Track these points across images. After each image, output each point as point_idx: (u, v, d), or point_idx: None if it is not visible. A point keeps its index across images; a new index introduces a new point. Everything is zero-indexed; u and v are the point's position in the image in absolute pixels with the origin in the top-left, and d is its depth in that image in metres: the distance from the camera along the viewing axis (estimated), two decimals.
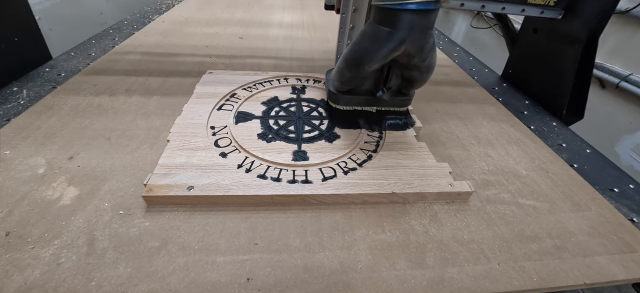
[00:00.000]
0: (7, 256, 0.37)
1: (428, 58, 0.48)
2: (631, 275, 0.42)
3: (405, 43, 0.45)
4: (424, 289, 0.38)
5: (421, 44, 0.46)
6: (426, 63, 0.49)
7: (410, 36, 0.44)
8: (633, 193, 0.57)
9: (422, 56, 0.47)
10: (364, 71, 0.49)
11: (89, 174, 0.48)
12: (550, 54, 0.82)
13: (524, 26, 0.91)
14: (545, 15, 0.75)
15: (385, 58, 0.47)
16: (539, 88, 0.87)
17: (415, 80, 0.53)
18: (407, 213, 0.47)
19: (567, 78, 0.77)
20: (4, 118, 0.59)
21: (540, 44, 0.85)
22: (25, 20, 0.77)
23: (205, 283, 0.36)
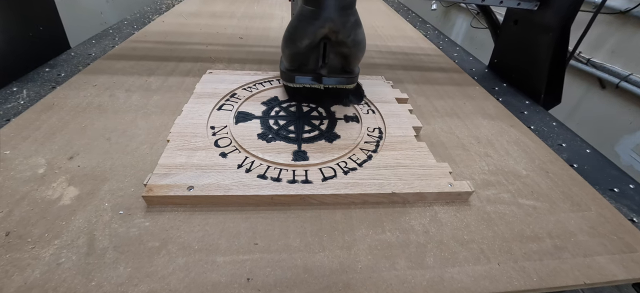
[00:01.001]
0: (7, 256, 0.37)
1: (352, 34, 0.54)
2: (631, 275, 0.42)
3: (328, 20, 0.51)
4: (424, 289, 0.38)
5: (343, 21, 0.52)
6: (351, 39, 0.54)
7: (332, 14, 0.51)
8: (633, 193, 0.57)
9: (346, 32, 0.53)
10: (297, 47, 0.55)
11: (89, 174, 0.48)
12: (529, 43, 0.89)
13: (506, 18, 0.99)
14: (522, 6, 0.83)
15: (314, 34, 0.53)
16: (520, 75, 0.94)
17: (347, 55, 0.58)
18: (407, 213, 0.47)
19: (543, 64, 0.84)
20: (4, 118, 0.59)
21: (520, 34, 0.93)
22: (49, 11, 0.84)
23: (205, 283, 0.36)
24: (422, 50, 1.13)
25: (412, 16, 1.59)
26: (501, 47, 1.03)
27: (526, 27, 0.90)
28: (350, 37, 0.54)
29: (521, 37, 0.92)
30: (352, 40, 0.55)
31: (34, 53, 0.78)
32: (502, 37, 1.02)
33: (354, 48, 0.56)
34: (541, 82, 0.85)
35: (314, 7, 0.51)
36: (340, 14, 0.51)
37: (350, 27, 0.53)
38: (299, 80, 0.61)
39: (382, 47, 1.13)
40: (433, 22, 1.57)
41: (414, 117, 0.64)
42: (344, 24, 0.52)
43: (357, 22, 0.55)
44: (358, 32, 0.55)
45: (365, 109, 0.66)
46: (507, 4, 0.82)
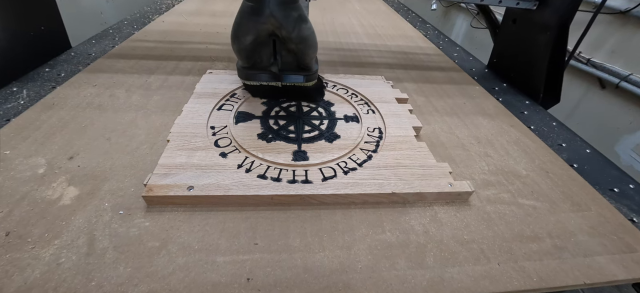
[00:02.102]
0: (7, 256, 0.37)
1: (296, 30, 0.53)
2: (631, 275, 0.42)
3: (268, 16, 0.50)
4: (424, 289, 0.38)
5: (284, 17, 0.51)
6: (295, 35, 0.53)
7: (272, 10, 0.50)
8: (633, 193, 0.57)
9: (289, 28, 0.52)
10: (242, 44, 0.54)
11: (89, 174, 0.48)
12: (528, 42, 0.89)
13: (505, 17, 0.98)
14: (521, 6, 0.83)
15: (256, 31, 0.52)
16: (519, 75, 0.93)
17: (296, 52, 0.57)
18: (407, 213, 0.47)
19: (541, 63, 0.84)
20: (4, 118, 0.59)
21: (519, 33, 0.93)
22: (51, 10, 0.83)
23: (205, 283, 0.36)
24: (422, 50, 1.13)
25: (412, 16, 1.59)
26: (500, 47, 1.03)
27: (525, 26, 0.90)
28: (294, 33, 0.53)
29: (520, 37, 0.92)
30: (297, 37, 0.54)
31: (34, 52, 0.78)
32: (501, 36, 1.02)
33: (301, 45, 0.55)
34: (540, 81, 0.85)
35: (253, 2, 0.50)
36: (280, 9, 0.50)
37: (292, 23, 0.52)
38: (254, 77, 0.60)
39: (381, 47, 1.13)
40: (433, 22, 1.57)
41: (414, 117, 0.64)
42: (286, 20, 0.52)
43: (302, 17, 0.53)
44: (303, 28, 0.54)
45: (365, 109, 0.66)
46: (506, 4, 0.82)
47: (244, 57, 0.57)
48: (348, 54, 1.03)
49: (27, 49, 0.75)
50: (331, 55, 1.01)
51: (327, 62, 0.96)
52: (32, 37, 0.76)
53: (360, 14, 1.47)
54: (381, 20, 1.43)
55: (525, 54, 0.90)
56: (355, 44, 1.12)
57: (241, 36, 0.53)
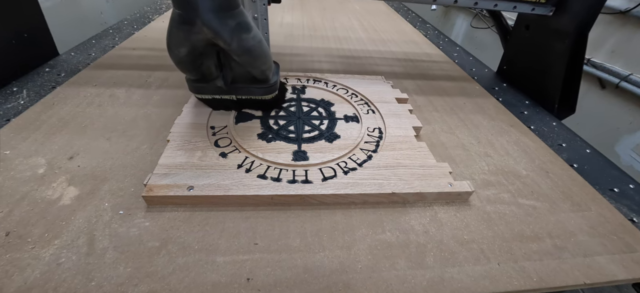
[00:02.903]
0: (7, 256, 0.37)
1: (234, 40, 0.46)
2: (631, 275, 0.42)
3: (198, 25, 0.44)
4: (424, 289, 0.38)
5: (218, 26, 0.44)
6: (235, 46, 0.47)
7: (202, 18, 0.43)
8: (633, 193, 0.57)
9: (226, 39, 0.46)
10: (177, 56, 0.48)
11: (89, 174, 0.48)
12: (542, 50, 0.84)
13: (517, 23, 0.93)
14: (536, 11, 0.77)
15: (190, 42, 0.46)
16: (532, 83, 0.88)
17: (242, 65, 0.51)
18: (407, 213, 0.47)
19: (557, 72, 0.80)
20: (4, 118, 0.59)
21: (533, 40, 0.87)
22: (34, 16, 0.79)
23: (205, 283, 0.36)
24: (422, 51, 1.13)
25: (412, 16, 1.59)
26: (511, 53, 0.98)
27: (539, 33, 0.85)
28: (233, 44, 0.46)
29: (533, 43, 0.87)
30: (238, 48, 0.47)
31: (17, 61, 0.73)
32: (512, 42, 0.96)
33: (244, 57, 0.49)
34: (555, 91, 0.80)
35: (180, 10, 0.44)
36: (214, 17, 0.44)
37: (229, 33, 0.45)
38: (203, 90, 0.55)
39: (381, 47, 1.13)
40: (433, 22, 1.57)
41: (414, 117, 0.64)
42: (222, 30, 0.45)
43: (242, 25, 0.46)
44: (244, 38, 0.47)
45: (365, 109, 0.66)
46: (521, 9, 0.76)
47: (186, 70, 0.52)
48: (348, 55, 1.03)
49: (8, 57, 0.69)
50: (331, 56, 1.01)
51: (328, 61, 0.96)
52: (14, 45, 0.71)
53: (360, 14, 1.47)
54: (381, 21, 1.43)
55: (540, 62, 0.85)
56: (356, 44, 1.12)
57: (174, 48, 0.47)
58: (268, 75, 0.56)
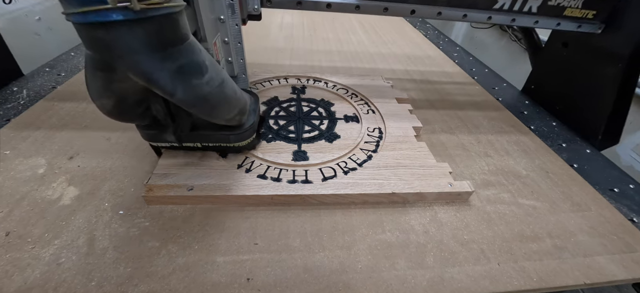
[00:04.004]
0: (7, 256, 0.37)
1: (178, 91, 0.32)
2: (631, 275, 0.42)
3: (119, 71, 0.31)
4: (424, 289, 0.38)
5: (148, 73, 0.30)
6: (180, 97, 0.33)
7: (127, 63, 0.30)
8: (633, 193, 0.57)
9: (165, 89, 0.32)
10: (105, 107, 0.35)
11: (89, 174, 0.48)
12: (584, 71, 0.72)
13: (551, 39, 0.82)
14: (582, 29, 0.65)
15: (113, 91, 0.33)
16: (568, 108, 0.77)
17: (200, 116, 0.38)
18: (407, 213, 0.47)
19: (605, 99, 0.68)
20: (4, 118, 0.59)
21: (572, 59, 0.76)
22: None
23: (205, 283, 0.36)
24: (422, 51, 1.13)
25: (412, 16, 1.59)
26: (541, 72, 0.87)
27: (580, 52, 0.73)
28: (177, 95, 0.33)
29: (573, 63, 0.75)
30: (186, 98, 0.33)
31: None
32: (543, 60, 0.86)
33: (198, 107, 0.36)
34: (600, 119, 0.69)
35: (90, 50, 0.30)
36: (141, 60, 0.30)
37: (170, 80, 0.31)
38: (157, 138, 0.44)
39: (382, 47, 1.13)
40: (433, 22, 1.57)
41: (414, 117, 0.64)
42: (156, 77, 0.31)
43: (187, 68, 0.33)
44: (193, 85, 0.33)
45: (365, 109, 0.66)
46: (565, 27, 0.64)
47: (123, 120, 0.39)
48: (348, 55, 1.03)
49: None
50: (331, 56, 1.01)
51: (327, 61, 0.96)
52: None
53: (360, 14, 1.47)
54: (381, 21, 1.43)
55: (580, 86, 0.73)
56: (356, 44, 1.12)
57: (95, 98, 0.34)
58: (240, 120, 0.44)
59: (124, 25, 0.28)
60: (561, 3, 0.60)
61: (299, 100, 0.68)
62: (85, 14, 0.27)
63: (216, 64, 0.37)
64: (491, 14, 0.58)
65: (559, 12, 0.60)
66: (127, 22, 0.28)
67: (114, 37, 0.28)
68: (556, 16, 0.61)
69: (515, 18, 0.59)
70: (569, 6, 0.61)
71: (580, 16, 0.63)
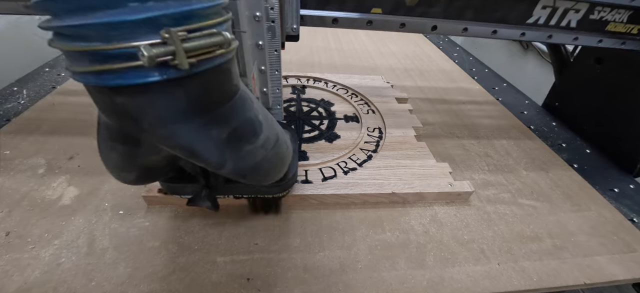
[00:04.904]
0: (7, 256, 0.37)
1: (228, 163, 0.25)
2: (631, 275, 0.42)
3: (147, 146, 0.24)
4: (424, 289, 0.38)
5: (189, 145, 0.22)
6: (230, 170, 0.25)
7: (158, 135, 0.22)
8: (633, 194, 0.57)
9: (210, 163, 0.24)
10: (125, 180, 0.29)
11: (89, 174, 0.48)
12: (623, 91, 0.65)
13: (582, 53, 0.74)
14: (626, 46, 0.57)
15: (135, 166, 0.27)
16: (601, 130, 0.70)
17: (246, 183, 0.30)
18: (407, 213, 0.47)
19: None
20: (4, 118, 0.59)
21: (607, 77, 0.69)
22: None
23: (205, 283, 0.36)
24: (422, 51, 1.13)
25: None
26: (567, 88, 0.79)
27: (619, 70, 0.66)
28: (227, 168, 0.25)
29: (608, 81, 0.68)
30: (235, 171, 0.26)
31: None
32: (571, 75, 0.78)
33: (249, 178, 0.27)
34: None
35: (110, 119, 0.23)
36: (180, 131, 0.22)
37: (218, 152, 0.24)
38: (182, 191, 0.37)
39: (381, 47, 1.13)
40: None
41: (414, 117, 0.64)
42: (200, 150, 0.23)
43: (241, 133, 0.25)
44: (246, 152, 0.25)
45: (365, 109, 0.66)
46: (608, 44, 0.55)
47: (147, 183, 0.34)
48: (348, 54, 1.03)
49: None
50: (331, 55, 1.00)
51: (327, 61, 0.96)
52: None
53: None
54: None
55: (617, 107, 0.67)
56: (356, 44, 1.12)
57: (113, 172, 0.28)
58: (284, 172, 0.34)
59: (159, 86, 0.19)
60: (604, 17, 0.51)
61: (299, 100, 0.68)
62: (100, 75, 0.18)
63: (268, 115, 0.29)
64: (525, 30, 0.50)
65: (600, 27, 0.52)
66: (163, 83, 0.19)
67: (144, 103, 0.20)
68: (597, 31, 0.53)
69: (551, 34, 0.51)
70: (612, 20, 0.52)
71: (624, 31, 0.54)
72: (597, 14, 0.50)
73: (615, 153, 0.66)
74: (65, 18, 0.17)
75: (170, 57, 0.17)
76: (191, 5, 0.18)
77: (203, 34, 0.19)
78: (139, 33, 0.17)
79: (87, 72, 0.18)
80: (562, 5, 0.48)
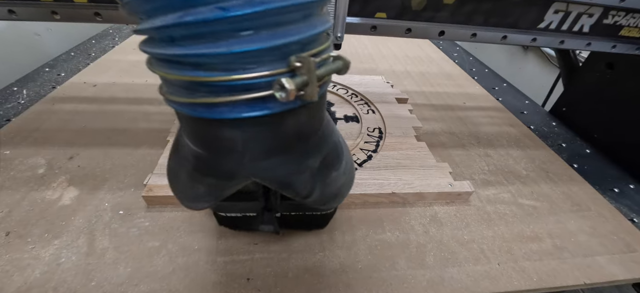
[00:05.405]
0: (7, 256, 0.37)
1: (315, 192, 0.24)
2: (631, 275, 0.42)
3: (239, 179, 0.23)
4: (424, 289, 0.38)
5: (284, 178, 0.22)
6: (316, 198, 0.25)
7: (253, 169, 0.21)
8: (633, 194, 0.57)
9: (299, 193, 0.24)
10: (197, 208, 0.28)
11: (89, 174, 0.48)
12: (637, 97, 0.63)
13: (592, 58, 0.72)
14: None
15: (214, 197, 0.25)
16: (612, 138, 0.68)
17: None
18: (407, 213, 0.47)
19: None
20: (4, 118, 0.59)
21: (618, 82, 0.66)
22: None
23: (205, 283, 0.36)
24: (422, 50, 1.13)
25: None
26: (577, 94, 0.77)
27: (631, 76, 0.64)
28: (313, 196, 0.24)
29: (619, 87, 0.66)
30: (320, 199, 0.25)
31: None
32: (580, 81, 0.75)
33: (328, 204, 0.28)
34: None
35: (204, 151, 0.20)
36: (278, 165, 0.21)
37: (309, 182, 0.23)
38: (230, 209, 0.37)
39: (382, 47, 1.13)
40: None
41: (414, 117, 0.64)
42: (293, 182, 0.23)
43: (331, 159, 0.24)
44: (331, 179, 0.25)
45: (365, 109, 0.66)
46: (622, 50, 0.52)
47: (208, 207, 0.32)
48: (348, 54, 1.03)
49: None
50: None
51: None
52: None
53: None
54: None
55: (630, 114, 0.64)
56: (356, 44, 1.12)
57: (190, 202, 0.27)
58: None
59: (271, 118, 0.17)
60: (618, 21, 0.49)
61: None
62: (214, 107, 0.16)
63: (343, 138, 0.27)
64: (536, 36, 0.48)
65: (614, 32, 0.50)
66: (279, 114, 0.17)
67: (251, 136, 0.18)
68: (611, 36, 0.51)
69: (564, 40, 0.49)
70: (627, 25, 0.50)
71: (639, 36, 0.52)
72: (611, 18, 0.48)
73: (629, 163, 0.64)
74: (189, 47, 0.15)
75: (304, 91, 0.16)
76: (316, 29, 0.17)
77: (324, 59, 0.17)
78: (264, 61, 0.15)
79: (198, 103, 0.16)
80: (575, 9, 0.46)
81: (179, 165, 0.24)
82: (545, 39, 0.49)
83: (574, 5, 0.46)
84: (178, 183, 0.25)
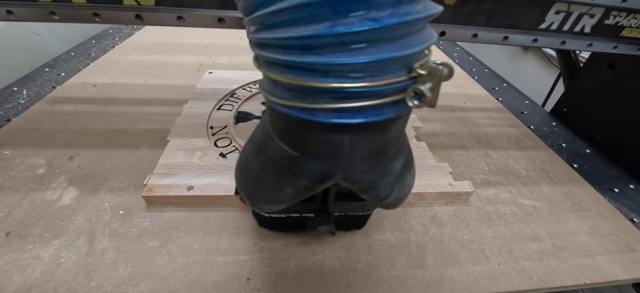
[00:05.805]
0: (7, 256, 0.37)
1: (393, 194, 0.25)
2: (631, 275, 0.42)
3: (339, 179, 0.23)
4: (424, 289, 0.38)
5: (375, 179, 0.23)
6: (392, 200, 0.26)
7: (351, 171, 0.21)
8: (633, 194, 0.57)
9: (379, 196, 0.25)
10: (272, 209, 0.27)
11: (89, 174, 0.48)
12: (638, 98, 0.63)
13: (593, 58, 0.72)
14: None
15: (298, 197, 0.25)
16: (614, 139, 0.68)
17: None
18: (407, 213, 0.47)
19: None
20: (4, 118, 0.59)
21: (620, 83, 0.66)
22: None
23: (205, 283, 0.36)
24: None
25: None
26: (578, 95, 0.76)
27: (632, 76, 0.63)
28: (389, 199, 0.26)
29: (621, 88, 0.66)
30: (395, 201, 0.27)
31: None
32: (582, 81, 0.75)
33: (396, 206, 0.29)
34: None
35: (298, 152, 0.21)
36: (371, 168, 0.22)
37: (392, 183, 0.25)
38: (289, 212, 0.37)
39: None
40: None
41: (414, 117, 0.64)
42: (377, 185, 0.24)
43: (408, 159, 0.26)
44: (406, 181, 0.27)
45: None
46: (624, 50, 0.53)
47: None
48: None
49: None
50: None
51: None
52: None
53: None
54: None
55: (631, 115, 0.64)
56: None
57: (270, 204, 0.26)
58: None
59: (384, 124, 0.18)
60: (619, 22, 0.49)
61: None
62: (337, 113, 0.17)
63: None
64: (537, 36, 0.48)
65: (616, 32, 0.50)
66: (389, 120, 0.18)
67: (360, 140, 0.19)
68: (612, 37, 0.51)
69: (565, 40, 0.49)
70: (628, 26, 0.50)
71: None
72: (613, 19, 0.48)
73: (630, 163, 0.64)
74: (327, 55, 0.15)
75: (426, 92, 0.17)
76: (433, 37, 0.17)
77: (438, 65, 0.17)
78: (391, 69, 0.16)
79: (319, 109, 0.17)
80: (576, 9, 0.46)
81: (264, 167, 0.24)
82: (546, 39, 0.49)
83: (576, 6, 0.46)
84: (260, 186, 0.25)
